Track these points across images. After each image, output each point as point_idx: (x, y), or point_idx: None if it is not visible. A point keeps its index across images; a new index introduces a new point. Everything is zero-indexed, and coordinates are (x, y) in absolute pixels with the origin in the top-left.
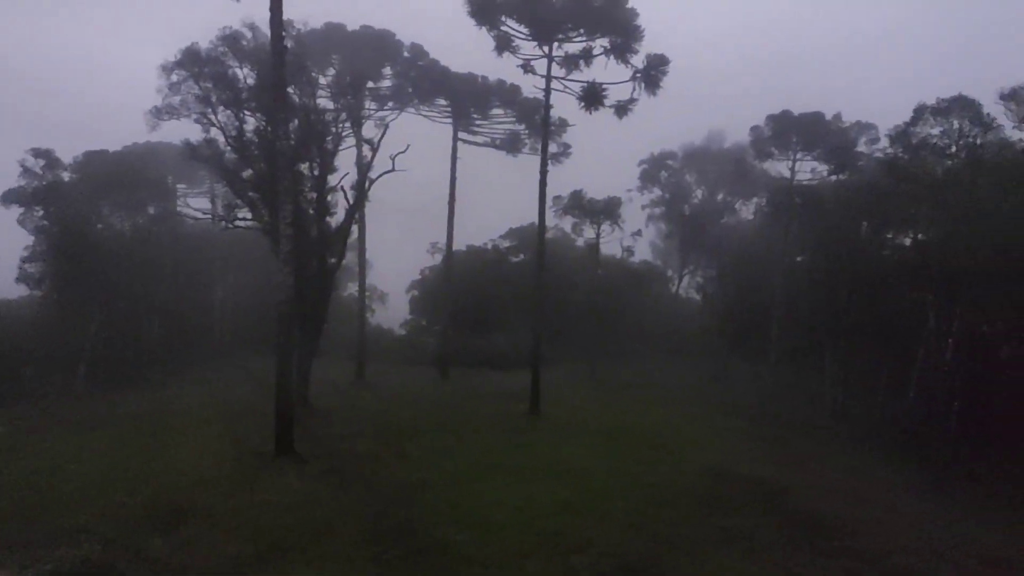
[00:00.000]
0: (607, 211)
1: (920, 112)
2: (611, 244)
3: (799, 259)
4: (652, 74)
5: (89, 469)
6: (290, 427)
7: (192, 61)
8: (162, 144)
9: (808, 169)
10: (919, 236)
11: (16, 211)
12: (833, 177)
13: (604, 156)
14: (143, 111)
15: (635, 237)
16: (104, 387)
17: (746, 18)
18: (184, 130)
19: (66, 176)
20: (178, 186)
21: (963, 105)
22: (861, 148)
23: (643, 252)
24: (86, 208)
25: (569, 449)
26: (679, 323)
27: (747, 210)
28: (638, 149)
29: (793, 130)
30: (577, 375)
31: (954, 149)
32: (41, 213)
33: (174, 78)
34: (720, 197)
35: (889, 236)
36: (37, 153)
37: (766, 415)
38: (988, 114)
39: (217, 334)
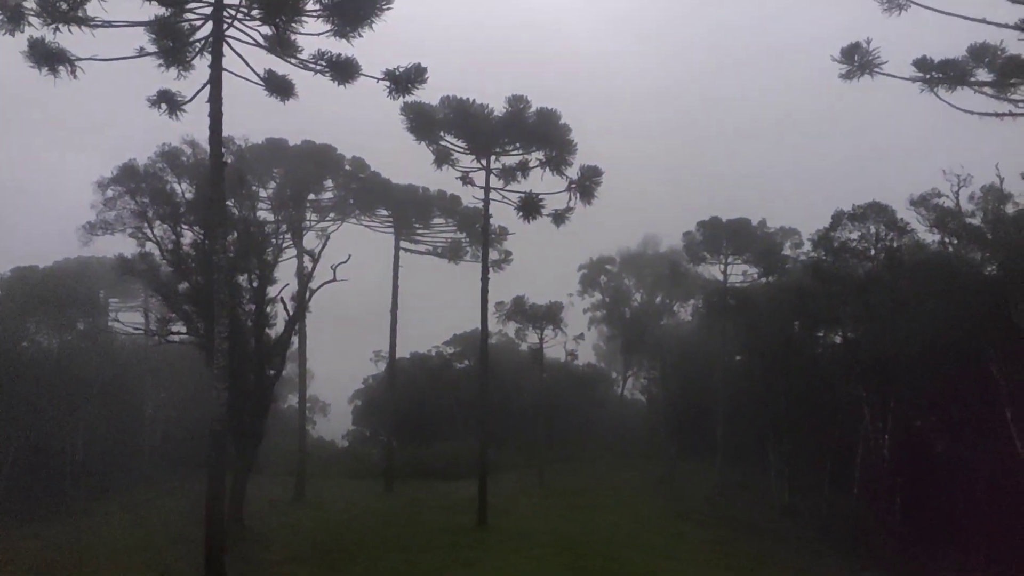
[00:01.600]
0: (549, 316)
1: (839, 218)
2: (555, 348)
3: (738, 358)
4: (586, 185)
5: None
6: (220, 554)
7: (129, 176)
8: (94, 259)
9: (739, 272)
10: (848, 334)
11: None
12: (763, 279)
13: (544, 262)
14: (75, 227)
15: (578, 341)
16: (22, 516)
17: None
18: (118, 244)
19: None
20: (110, 300)
21: (878, 211)
22: (787, 252)
23: (587, 355)
24: (12, 326)
25: (518, 563)
26: (626, 424)
27: (685, 312)
28: (577, 254)
29: (723, 235)
30: (525, 481)
31: (873, 252)
32: None
33: (109, 193)
34: (658, 299)
35: (820, 334)
36: None
37: (715, 516)
38: (902, 219)
39: (147, 454)
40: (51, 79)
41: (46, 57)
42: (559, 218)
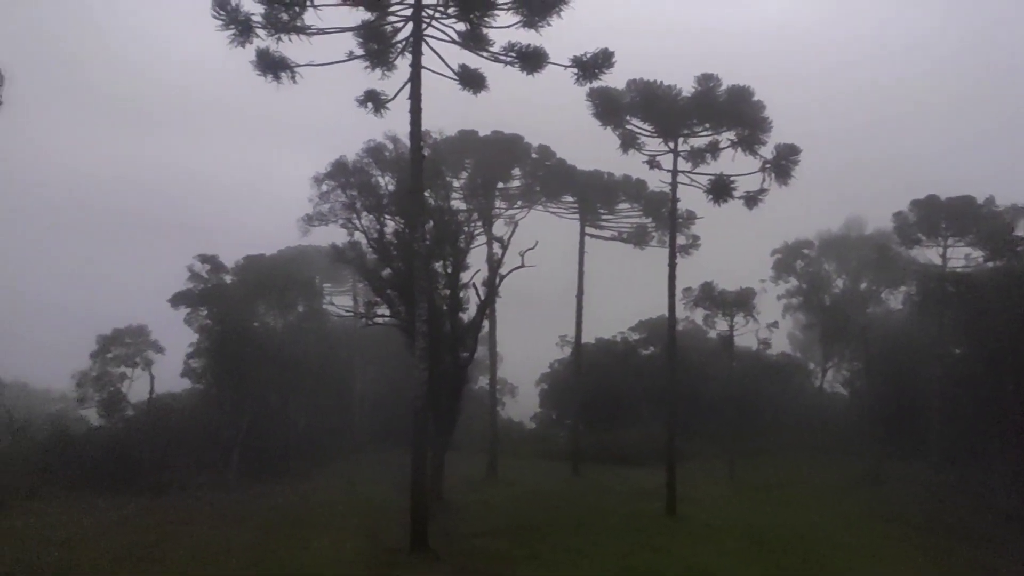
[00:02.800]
0: (740, 302)
1: None
2: (746, 336)
3: (957, 351)
4: (782, 164)
5: (238, 562)
6: (424, 523)
7: (340, 171)
8: (311, 247)
9: (961, 255)
10: None
11: (184, 312)
12: (990, 264)
13: (735, 247)
14: (296, 219)
15: (771, 329)
16: (252, 478)
17: (870, 102)
18: (331, 234)
19: (228, 279)
20: (324, 285)
21: None
22: (1021, 232)
23: (781, 344)
24: (244, 308)
25: (709, 554)
26: (824, 419)
27: (895, 299)
28: (771, 238)
29: (941, 215)
30: (713, 472)
31: None
32: (205, 313)
33: (324, 188)
34: (863, 286)
35: None
36: (204, 259)
37: (928, 520)
38: None
39: (356, 428)
40: (273, 85)
41: (271, 65)
42: (752, 200)
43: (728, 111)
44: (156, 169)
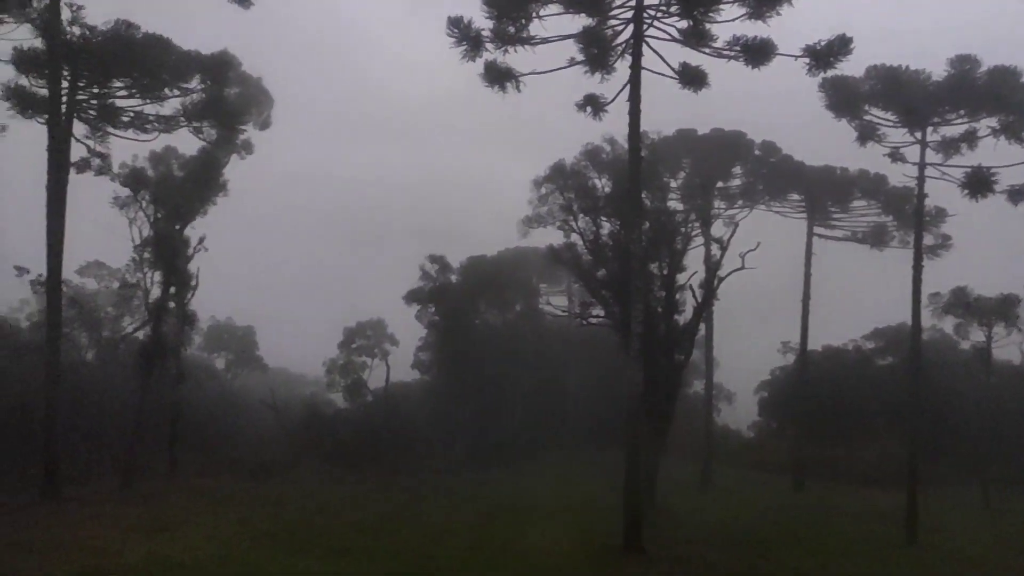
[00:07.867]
0: (1001, 310)
1: None
2: (1007, 348)
3: None
4: None
5: (464, 543)
6: (638, 525)
7: (558, 174)
8: (529, 249)
9: None
10: None
11: (415, 308)
12: None
13: (995, 247)
14: (516, 220)
15: None
16: (475, 464)
17: None
18: (548, 236)
19: (454, 278)
20: (540, 286)
21: None
22: None
23: None
24: (467, 305)
25: None
26: None
27: None
28: None
29: None
30: (962, 500)
31: None
32: (433, 310)
33: (543, 191)
34: None
35: None
36: (433, 259)
37: None
38: None
39: (569, 425)
40: (500, 95)
41: (498, 76)
42: (1018, 194)
43: (989, 95)
44: (396, 179)
